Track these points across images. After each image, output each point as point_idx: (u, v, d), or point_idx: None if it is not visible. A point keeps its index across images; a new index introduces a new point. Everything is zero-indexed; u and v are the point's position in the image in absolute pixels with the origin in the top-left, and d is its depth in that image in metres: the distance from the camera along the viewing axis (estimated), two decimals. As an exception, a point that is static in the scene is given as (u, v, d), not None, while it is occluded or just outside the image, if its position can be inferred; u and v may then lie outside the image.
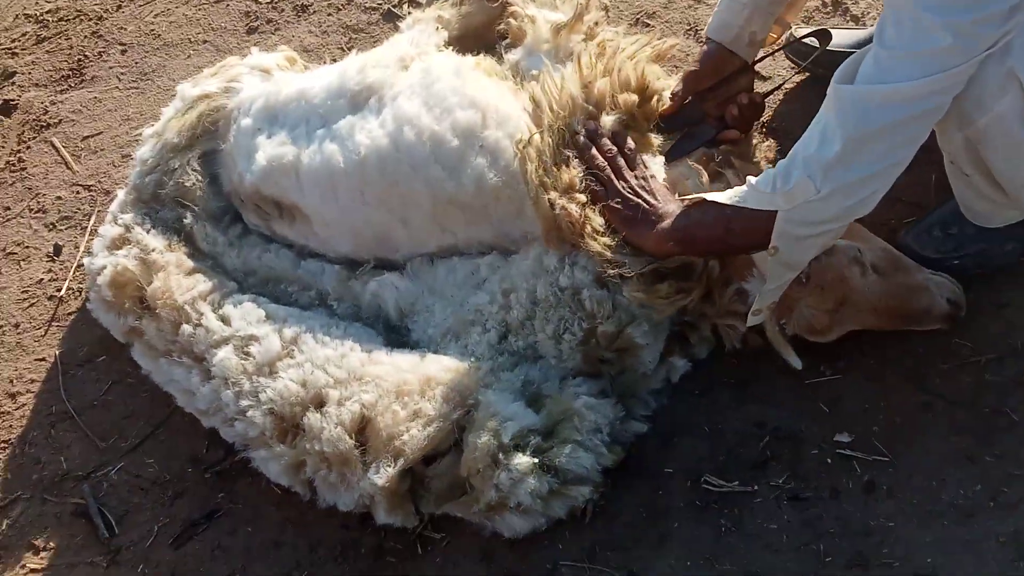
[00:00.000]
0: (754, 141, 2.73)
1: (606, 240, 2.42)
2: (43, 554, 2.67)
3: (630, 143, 2.56)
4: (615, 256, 2.42)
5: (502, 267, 2.69)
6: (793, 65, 3.09)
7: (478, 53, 2.93)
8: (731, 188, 2.55)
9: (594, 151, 2.51)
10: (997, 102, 2.13)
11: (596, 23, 2.92)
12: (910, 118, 2.07)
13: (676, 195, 2.49)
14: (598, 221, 2.44)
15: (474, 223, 2.70)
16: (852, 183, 2.12)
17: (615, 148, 2.52)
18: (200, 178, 2.97)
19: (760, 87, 3.08)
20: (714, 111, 2.69)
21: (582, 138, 2.53)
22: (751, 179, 2.28)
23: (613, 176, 2.48)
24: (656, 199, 2.44)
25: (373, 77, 2.83)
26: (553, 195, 2.47)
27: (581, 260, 2.52)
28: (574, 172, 2.48)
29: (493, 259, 2.72)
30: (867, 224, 2.53)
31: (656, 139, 2.65)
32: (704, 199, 2.34)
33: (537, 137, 2.53)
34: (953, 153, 2.37)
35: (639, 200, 2.44)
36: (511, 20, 3.01)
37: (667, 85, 2.68)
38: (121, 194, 3.07)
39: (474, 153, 2.62)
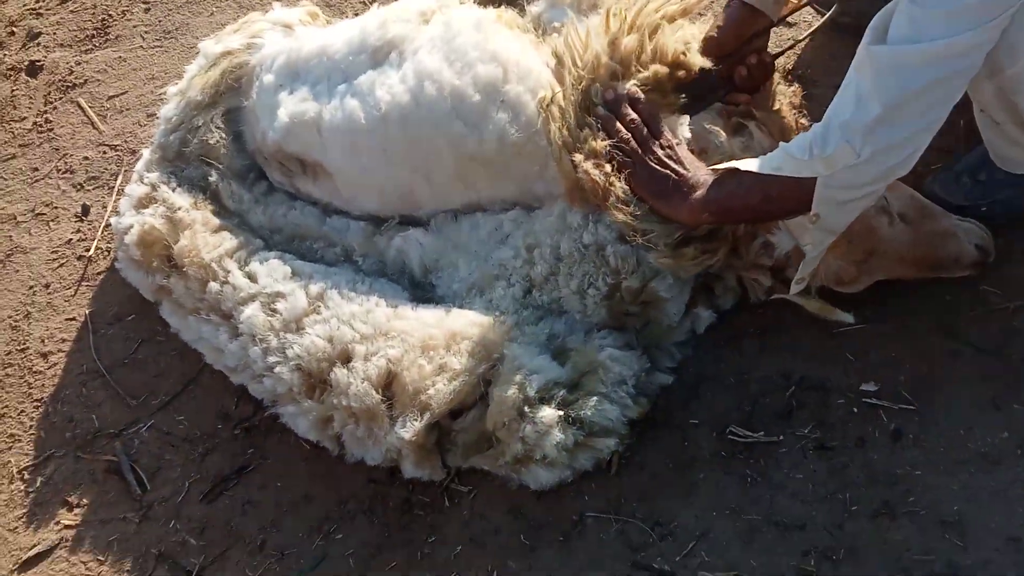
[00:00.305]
0: (774, 86, 2.68)
1: (630, 210, 2.39)
2: (76, 510, 2.71)
3: (652, 109, 2.49)
4: (641, 225, 2.40)
5: (525, 223, 2.68)
6: (811, 19, 3.02)
7: (499, 5, 2.90)
8: (755, 141, 2.52)
9: (616, 124, 2.45)
10: None
11: (622, -28, 2.87)
12: (948, 76, 2.02)
13: (704, 161, 2.45)
14: (622, 189, 2.40)
15: (497, 179, 2.69)
16: (892, 145, 2.08)
17: (637, 117, 2.46)
18: (224, 135, 2.98)
19: (785, 33, 3.05)
20: (723, 71, 2.60)
21: (602, 110, 2.47)
22: (784, 145, 2.24)
23: (639, 147, 2.43)
24: (685, 168, 2.40)
25: (394, 32, 2.80)
26: (577, 157, 2.44)
27: (605, 217, 2.50)
28: (600, 143, 2.43)
29: (517, 214, 2.71)
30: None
31: (679, 99, 2.56)
32: (737, 168, 2.30)
33: (560, 95, 2.49)
34: (984, 102, 2.33)
35: (667, 171, 2.39)
36: (533, -29, 2.97)
37: (699, 60, 2.54)
38: (146, 153, 3.07)
39: (495, 108, 2.59)
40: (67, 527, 2.69)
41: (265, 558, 2.53)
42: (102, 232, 3.29)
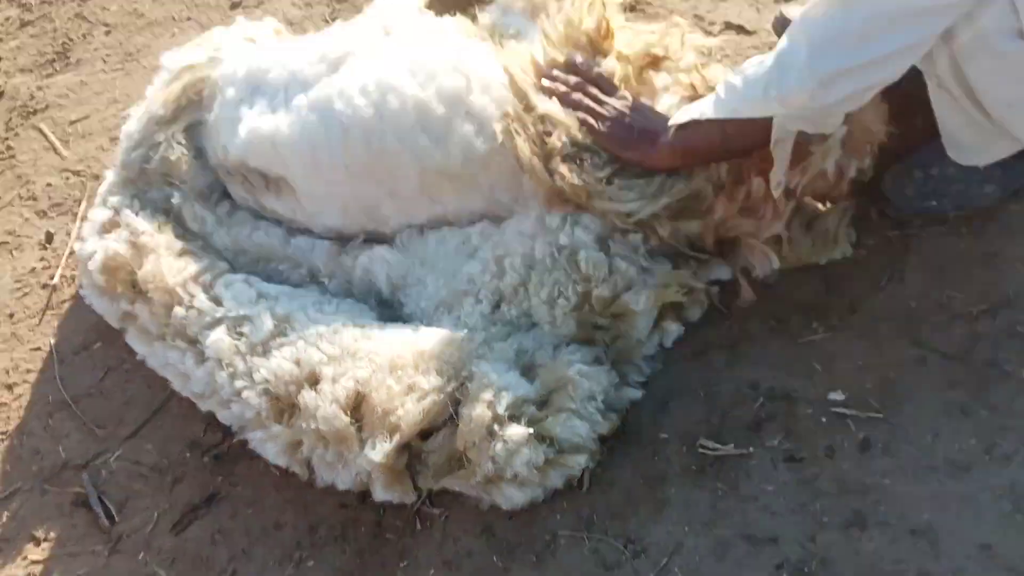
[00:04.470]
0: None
1: (612, 193, 2.44)
2: (44, 545, 2.68)
3: (598, 70, 2.57)
4: (625, 206, 2.45)
5: (494, 234, 2.67)
6: None
7: (455, 15, 2.91)
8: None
9: (570, 92, 2.52)
10: (983, 15, 2.11)
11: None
12: (917, 41, 2.10)
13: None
14: (601, 181, 2.45)
15: (464, 192, 2.68)
16: (851, 95, 2.16)
17: (584, 80, 2.54)
18: (185, 151, 2.95)
19: None
20: None
21: (546, 83, 2.54)
22: (734, 84, 2.29)
23: (595, 105, 2.49)
24: (647, 118, 2.47)
25: (354, 44, 2.79)
26: (553, 164, 2.46)
27: (584, 220, 2.52)
28: (556, 140, 2.47)
29: (484, 227, 2.70)
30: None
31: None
32: (696, 120, 2.37)
33: (518, 109, 2.51)
34: (939, 74, 2.32)
35: (630, 122, 2.46)
36: (485, -20, 2.98)
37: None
38: (110, 175, 3.04)
39: (460, 120, 2.58)
40: (34, 562, 2.65)
41: (236, 588, 2.51)
42: (66, 259, 3.26)
